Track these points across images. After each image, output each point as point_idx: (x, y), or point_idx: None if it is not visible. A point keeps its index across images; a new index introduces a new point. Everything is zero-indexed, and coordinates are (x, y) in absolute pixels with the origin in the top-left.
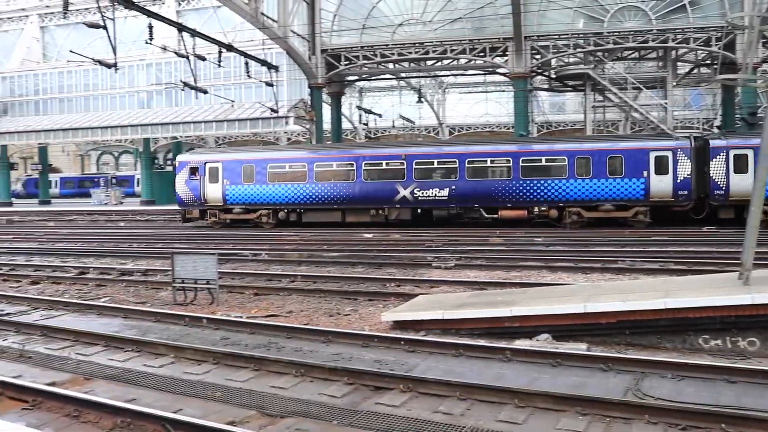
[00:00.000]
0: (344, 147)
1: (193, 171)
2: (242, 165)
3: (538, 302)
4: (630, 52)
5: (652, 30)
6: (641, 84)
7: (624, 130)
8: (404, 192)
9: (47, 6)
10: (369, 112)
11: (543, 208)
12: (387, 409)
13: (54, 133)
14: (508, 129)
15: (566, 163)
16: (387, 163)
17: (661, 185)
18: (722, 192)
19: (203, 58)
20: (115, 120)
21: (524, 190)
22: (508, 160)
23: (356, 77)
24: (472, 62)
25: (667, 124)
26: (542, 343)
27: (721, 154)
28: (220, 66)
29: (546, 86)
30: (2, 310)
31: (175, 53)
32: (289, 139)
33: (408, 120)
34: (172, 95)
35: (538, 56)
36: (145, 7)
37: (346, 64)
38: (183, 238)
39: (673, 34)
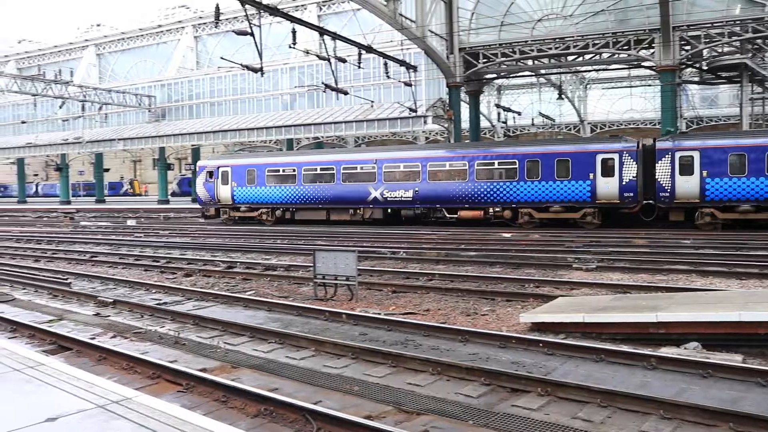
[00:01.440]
0: (324, 152)
1: (209, 174)
2: (246, 169)
3: (686, 308)
4: None
5: None
6: None
7: None
8: (375, 193)
9: (200, 17)
10: (507, 110)
11: (497, 209)
12: (524, 412)
13: (205, 135)
14: (654, 125)
15: (517, 166)
16: (361, 167)
17: (607, 187)
18: (667, 194)
19: (344, 60)
20: (261, 122)
21: (479, 192)
22: (465, 164)
23: (494, 75)
24: (616, 56)
25: None
26: (691, 351)
27: (667, 156)
28: (359, 67)
29: (696, 79)
30: (160, 300)
31: (317, 56)
32: (427, 138)
33: (548, 118)
34: (314, 97)
35: (687, 47)
36: (289, 14)
37: (484, 62)
38: (324, 235)
39: None
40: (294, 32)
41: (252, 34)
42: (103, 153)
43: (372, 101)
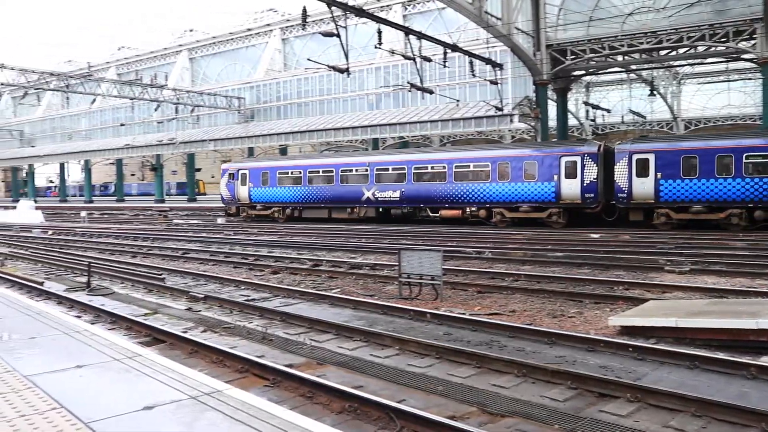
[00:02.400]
0: (324, 156)
1: (231, 176)
2: (261, 171)
3: None
4: None
5: None
6: None
7: None
8: (368, 194)
9: (287, 20)
10: (596, 107)
11: (473, 209)
12: (612, 418)
13: (292, 135)
14: (755, 121)
15: (490, 168)
16: (356, 170)
17: (570, 188)
18: (625, 195)
19: (429, 60)
20: (347, 122)
21: (457, 193)
22: (444, 166)
23: (583, 72)
24: (712, 49)
25: None
26: None
27: (624, 158)
28: (445, 66)
29: None
30: (249, 296)
31: (402, 56)
32: (513, 137)
33: (638, 115)
34: (400, 97)
35: None
36: (374, 14)
37: (572, 59)
38: (409, 235)
39: None
40: (379, 32)
41: (338, 35)
42: (195, 153)
43: (457, 100)
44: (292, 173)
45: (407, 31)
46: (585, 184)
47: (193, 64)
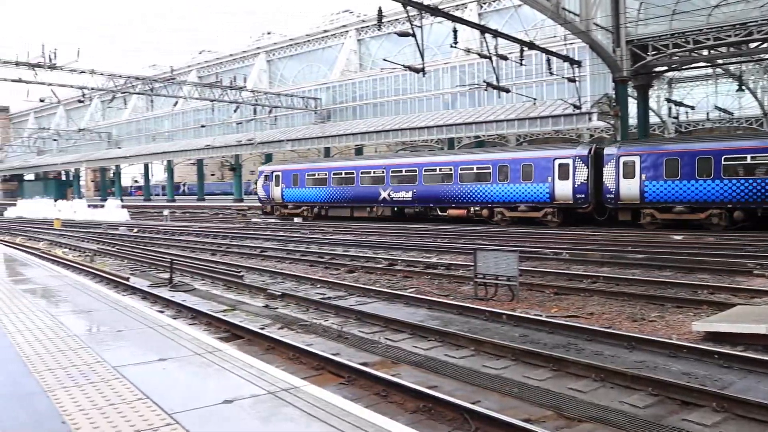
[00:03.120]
0: (345, 159)
1: (266, 178)
2: (292, 173)
3: None
4: None
5: None
6: None
7: None
8: (384, 194)
9: (363, 21)
10: (679, 104)
11: (477, 208)
12: (696, 428)
13: (368, 135)
14: None
15: (491, 170)
16: (374, 172)
17: (563, 189)
18: (612, 196)
19: (505, 58)
20: (422, 121)
21: (463, 194)
22: (450, 169)
23: (665, 68)
24: None
25: None
26: None
27: (612, 161)
28: (521, 65)
29: None
30: (324, 294)
31: (478, 55)
32: (591, 135)
33: (725, 111)
34: (475, 96)
35: None
36: (450, 13)
37: (653, 55)
38: (484, 235)
39: None
40: (455, 31)
41: (413, 35)
42: (272, 153)
43: (534, 99)
44: (318, 175)
45: (483, 30)
46: (576, 185)
47: (271, 66)
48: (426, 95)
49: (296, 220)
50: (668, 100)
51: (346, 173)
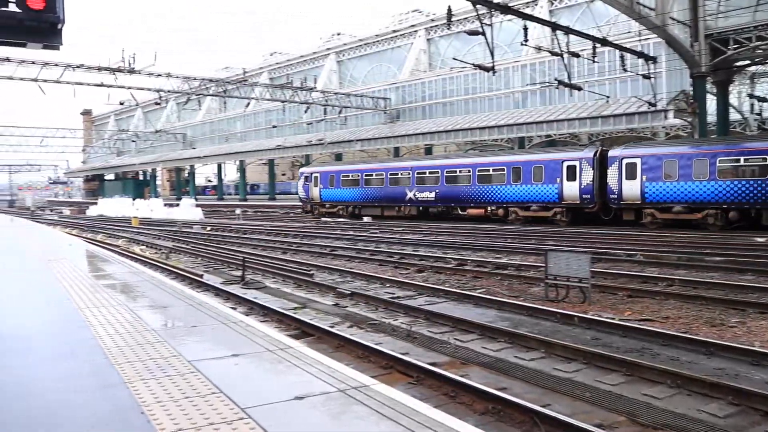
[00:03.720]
0: (376, 161)
1: (306, 179)
2: (329, 175)
3: None
4: None
5: None
6: None
7: None
8: (410, 194)
9: (432, 20)
10: (763, 100)
11: (493, 208)
12: None
13: (437, 134)
14: None
15: (505, 172)
16: (401, 173)
17: (570, 190)
18: (616, 196)
19: (577, 55)
20: (492, 121)
21: (480, 194)
22: (469, 170)
23: (747, 62)
24: None
25: None
26: None
27: (616, 163)
28: (594, 62)
29: None
30: (393, 293)
31: (549, 52)
32: (667, 134)
33: None
34: (546, 94)
35: None
36: (520, 10)
37: (735, 48)
38: (555, 236)
39: None
40: (525, 29)
41: (483, 33)
42: (342, 153)
43: (607, 96)
44: (351, 176)
45: (554, 27)
46: (582, 186)
47: (341, 67)
48: (496, 94)
49: (366, 219)
50: (750, 96)
51: (376, 175)
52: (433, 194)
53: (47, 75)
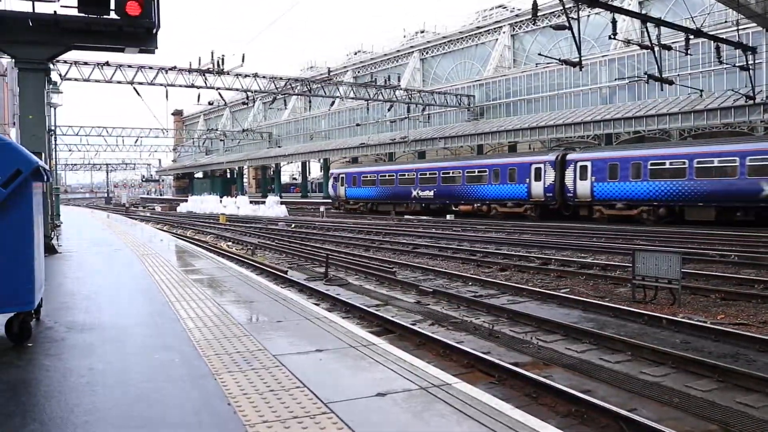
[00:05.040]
0: (388, 164)
1: (335, 179)
2: (352, 175)
3: None
4: None
5: None
6: None
7: None
8: (414, 192)
9: (517, 15)
10: None
11: (478, 204)
12: None
13: (522, 132)
14: None
15: (487, 173)
16: (408, 174)
17: (537, 189)
18: (571, 194)
19: (669, 48)
20: (578, 117)
21: (468, 192)
22: (460, 172)
23: None
24: None
25: None
26: None
27: (572, 165)
28: (687, 54)
29: None
30: (476, 292)
31: (639, 45)
32: (766, 128)
33: None
34: (635, 89)
35: None
36: (609, 3)
37: None
38: (643, 235)
39: None
40: (614, 22)
41: (570, 28)
42: (426, 151)
43: (701, 90)
44: (370, 177)
45: (644, 19)
46: (546, 186)
47: (424, 65)
48: (582, 90)
49: (448, 217)
50: None
51: (388, 175)
52: (432, 193)
53: (141, 78)
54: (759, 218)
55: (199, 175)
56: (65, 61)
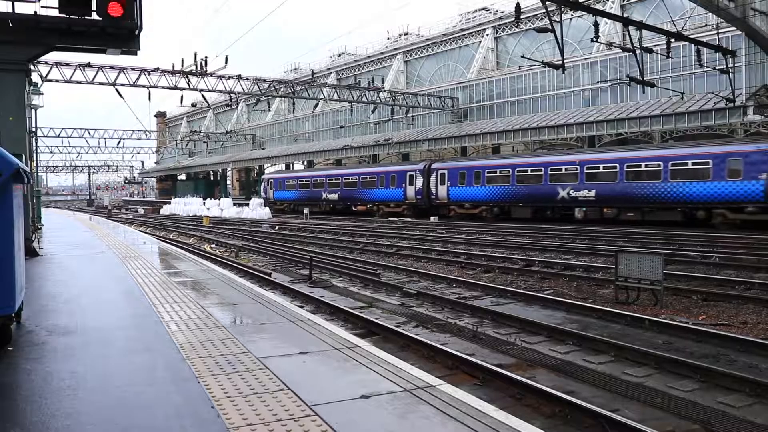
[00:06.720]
0: (307, 171)
1: (267, 182)
2: (278, 180)
3: None
4: None
5: None
6: None
7: None
8: (324, 195)
9: (500, 18)
10: None
11: (370, 205)
12: None
13: (505, 134)
14: None
15: (376, 179)
16: (320, 179)
17: (410, 192)
18: (435, 197)
19: (650, 51)
20: (561, 119)
21: (363, 195)
22: (357, 178)
23: None
24: None
25: None
26: None
27: (435, 172)
28: (668, 57)
29: None
30: (460, 294)
31: (621, 48)
32: (746, 130)
33: None
34: (617, 92)
35: None
36: (591, 6)
37: None
38: (627, 236)
39: None
40: (596, 25)
41: (553, 31)
42: (409, 153)
43: (682, 93)
44: (291, 181)
45: (626, 22)
46: (417, 189)
47: (408, 67)
48: (565, 92)
49: (432, 219)
50: None
51: (305, 180)
52: (336, 195)
53: (124, 79)
54: (562, 216)
55: (183, 177)
56: (46, 62)
